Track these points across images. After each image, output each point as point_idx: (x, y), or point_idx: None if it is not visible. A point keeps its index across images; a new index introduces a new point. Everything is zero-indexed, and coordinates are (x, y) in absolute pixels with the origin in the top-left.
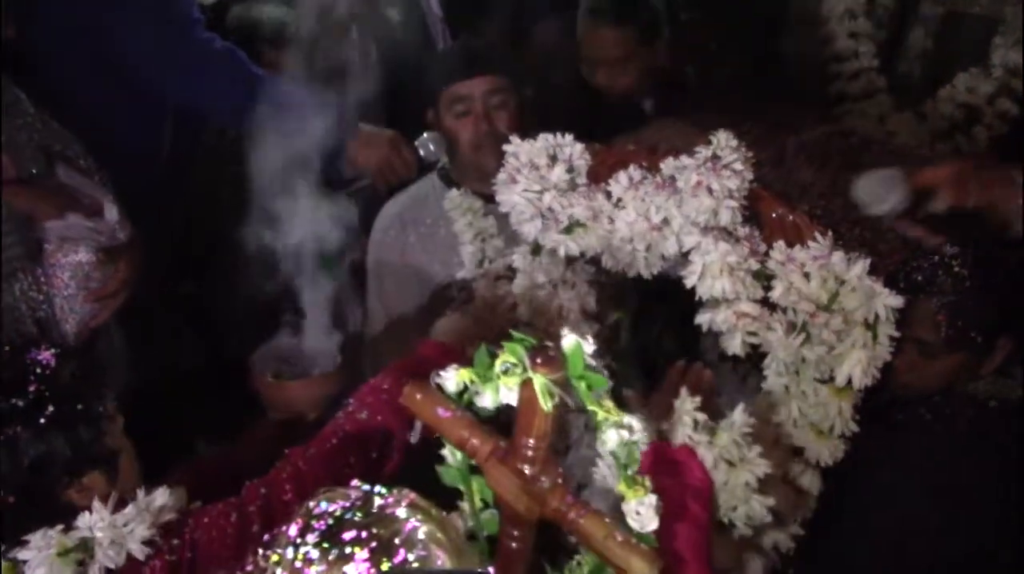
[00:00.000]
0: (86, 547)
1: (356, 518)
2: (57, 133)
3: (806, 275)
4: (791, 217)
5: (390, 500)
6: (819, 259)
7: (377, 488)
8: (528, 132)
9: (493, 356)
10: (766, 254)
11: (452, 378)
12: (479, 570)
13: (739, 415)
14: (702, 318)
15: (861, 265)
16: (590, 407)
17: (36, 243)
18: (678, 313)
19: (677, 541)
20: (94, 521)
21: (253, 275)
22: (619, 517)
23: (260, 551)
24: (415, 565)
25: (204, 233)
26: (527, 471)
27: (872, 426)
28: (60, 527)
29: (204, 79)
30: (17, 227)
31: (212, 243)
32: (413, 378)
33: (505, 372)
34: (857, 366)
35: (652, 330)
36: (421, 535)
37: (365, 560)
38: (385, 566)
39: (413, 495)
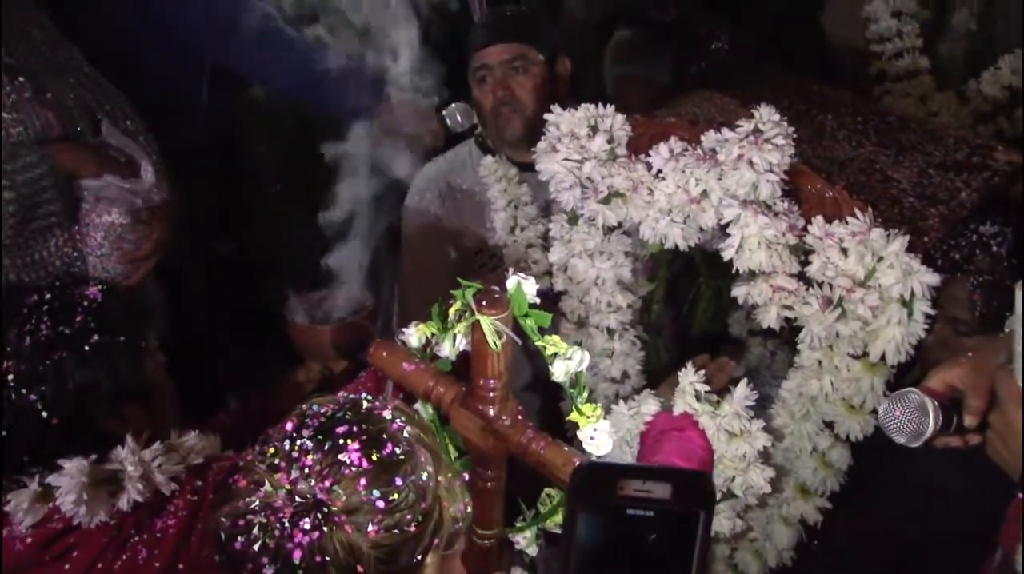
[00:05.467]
0: (116, 479)
1: (347, 416)
2: (109, 92)
3: (844, 250)
4: (830, 193)
5: (377, 403)
6: (857, 235)
7: (363, 394)
8: (565, 100)
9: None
10: (804, 229)
11: (414, 334)
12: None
13: (741, 388)
14: (738, 291)
15: (900, 242)
16: (537, 343)
17: (74, 201)
18: (711, 286)
19: None
20: (126, 454)
21: (291, 229)
22: None
23: (256, 447)
24: (401, 458)
25: (242, 189)
26: (490, 412)
27: None
28: (94, 458)
29: (238, 38)
30: (57, 183)
31: (250, 198)
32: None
33: (459, 320)
34: (891, 342)
35: (684, 303)
36: (406, 434)
37: (357, 450)
38: (375, 456)
39: (397, 401)
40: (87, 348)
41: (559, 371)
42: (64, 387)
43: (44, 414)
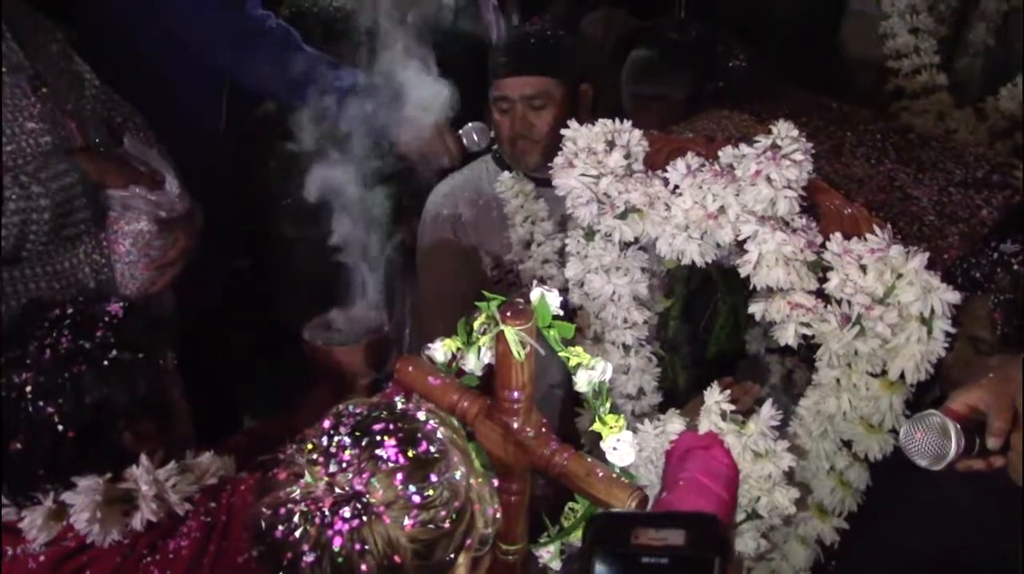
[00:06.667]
0: (130, 498)
1: (382, 415)
2: (120, 105)
3: (862, 267)
4: (849, 209)
5: (411, 405)
6: (876, 252)
7: (397, 396)
8: (584, 120)
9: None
10: (822, 245)
11: (440, 349)
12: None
13: (767, 408)
14: (755, 308)
15: (919, 259)
16: (560, 353)
17: (101, 209)
18: (728, 303)
19: None
20: (140, 473)
21: (305, 248)
22: None
23: (294, 444)
24: (436, 456)
25: (258, 206)
26: (515, 424)
27: None
28: (108, 476)
29: (257, 55)
30: (87, 191)
31: (266, 216)
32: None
33: (483, 333)
34: (910, 361)
35: (701, 319)
36: (440, 434)
37: (394, 446)
38: (411, 453)
39: (430, 404)
40: (106, 363)
41: (582, 381)
42: (81, 401)
43: (60, 428)
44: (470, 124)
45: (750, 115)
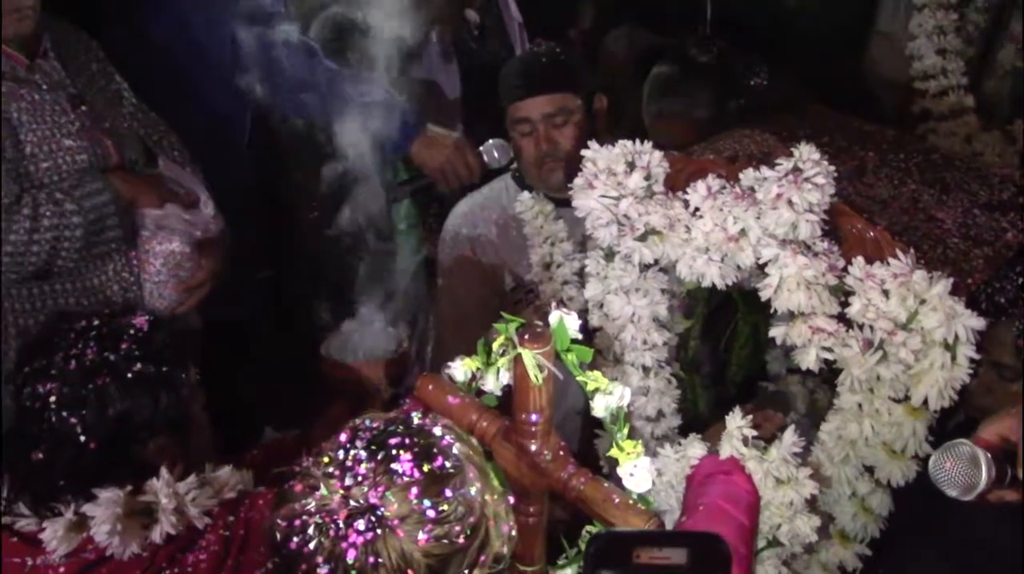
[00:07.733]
0: (150, 511)
1: (399, 430)
2: (156, 124)
3: (885, 292)
4: (871, 233)
5: (427, 420)
6: (899, 277)
7: (414, 411)
8: (602, 135)
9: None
10: (844, 270)
11: (459, 368)
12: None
13: (789, 434)
14: (776, 331)
15: (943, 284)
16: (578, 378)
17: (133, 228)
18: (749, 323)
19: None
20: (160, 486)
21: (328, 262)
22: None
23: (311, 457)
24: (451, 471)
25: (282, 219)
26: (532, 447)
27: None
28: (128, 488)
29: (280, 71)
30: (119, 210)
31: (288, 231)
32: None
33: (502, 354)
34: (934, 387)
35: (721, 341)
36: (456, 450)
37: (409, 460)
38: (426, 468)
39: (447, 419)
40: (130, 376)
41: (599, 406)
42: (104, 412)
43: (82, 439)
44: (491, 141)
45: (772, 134)
